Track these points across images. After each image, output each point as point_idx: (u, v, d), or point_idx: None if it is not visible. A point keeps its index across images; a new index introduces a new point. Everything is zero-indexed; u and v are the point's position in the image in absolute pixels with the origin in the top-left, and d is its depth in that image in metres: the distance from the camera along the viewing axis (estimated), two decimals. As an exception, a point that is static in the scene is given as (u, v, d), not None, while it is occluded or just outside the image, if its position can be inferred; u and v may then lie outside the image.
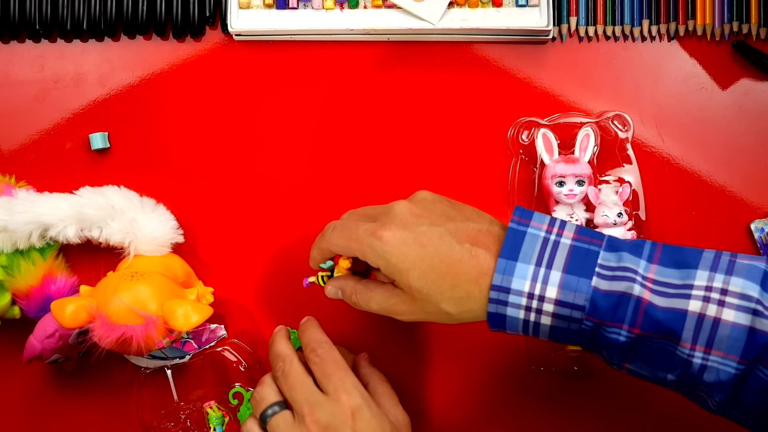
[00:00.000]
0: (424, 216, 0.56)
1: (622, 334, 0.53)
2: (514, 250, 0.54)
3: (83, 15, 0.75)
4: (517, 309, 0.54)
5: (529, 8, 0.74)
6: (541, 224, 0.55)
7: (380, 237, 0.55)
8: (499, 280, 0.53)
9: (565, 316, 0.53)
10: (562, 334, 0.54)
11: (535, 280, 0.53)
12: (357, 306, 0.60)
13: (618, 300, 0.52)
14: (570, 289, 0.53)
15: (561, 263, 0.53)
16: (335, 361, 0.60)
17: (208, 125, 0.75)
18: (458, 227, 0.56)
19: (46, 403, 0.73)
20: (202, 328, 0.72)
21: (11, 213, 0.67)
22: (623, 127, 0.72)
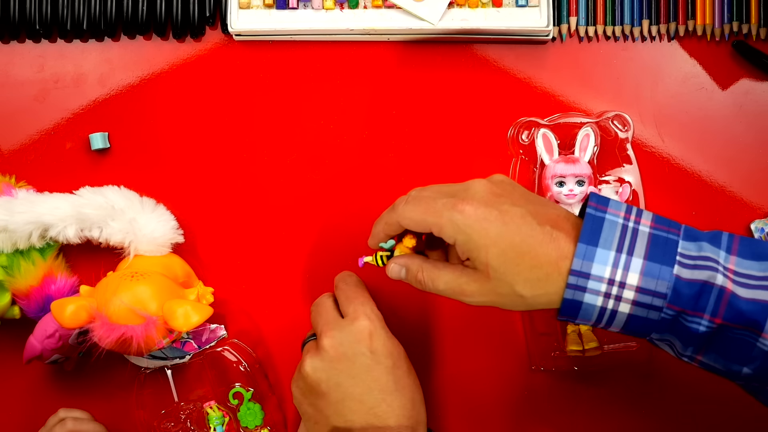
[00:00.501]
0: (504, 196, 0.55)
1: (703, 323, 0.52)
2: (593, 235, 0.53)
3: (83, 15, 0.75)
4: (595, 296, 0.53)
5: (529, 8, 0.74)
6: (618, 211, 0.54)
7: (462, 210, 0.54)
8: (578, 265, 0.52)
9: (645, 304, 0.52)
10: (638, 323, 0.53)
11: (616, 266, 0.52)
12: (421, 285, 0.58)
13: (701, 289, 0.52)
14: (652, 276, 0.52)
15: (642, 250, 0.52)
16: (357, 288, 0.64)
17: (208, 125, 0.75)
18: (538, 210, 0.55)
19: (46, 403, 0.73)
20: (202, 328, 0.72)
21: (11, 213, 0.67)
22: (623, 127, 0.72)
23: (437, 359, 0.73)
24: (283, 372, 0.73)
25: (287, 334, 0.74)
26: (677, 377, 0.72)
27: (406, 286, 0.61)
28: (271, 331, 0.74)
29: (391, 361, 0.61)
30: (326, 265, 0.74)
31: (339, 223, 0.74)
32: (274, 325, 0.74)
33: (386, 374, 0.61)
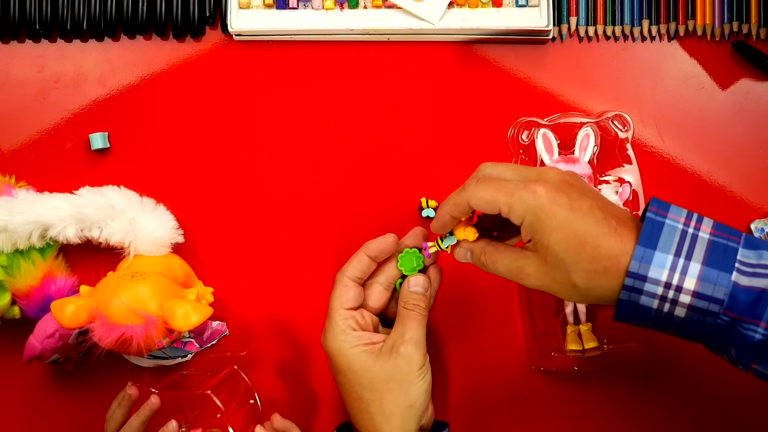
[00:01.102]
0: (576, 186, 0.55)
1: (759, 331, 0.52)
2: (652, 239, 0.53)
3: (83, 15, 0.75)
4: (651, 298, 0.53)
5: (529, 8, 0.74)
6: (678, 216, 0.54)
7: (534, 191, 0.54)
8: (636, 267, 0.52)
9: (701, 309, 0.52)
10: (694, 327, 0.53)
11: (673, 270, 0.52)
12: (484, 267, 0.59)
13: (758, 296, 0.51)
14: (710, 281, 0.52)
15: (700, 256, 0.52)
16: (332, 296, 0.63)
17: (208, 125, 0.75)
18: (606, 206, 0.55)
19: (46, 403, 0.73)
20: (204, 327, 0.72)
21: (11, 213, 0.67)
22: (623, 127, 0.72)
23: (437, 359, 0.73)
24: (283, 372, 0.73)
25: (287, 333, 0.74)
26: (677, 377, 0.72)
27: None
28: (271, 330, 0.74)
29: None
30: (326, 265, 0.74)
31: (339, 222, 0.74)
32: (273, 325, 0.74)
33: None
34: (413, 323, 0.62)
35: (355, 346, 0.61)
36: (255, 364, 0.73)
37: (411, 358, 0.60)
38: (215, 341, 0.73)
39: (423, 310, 0.63)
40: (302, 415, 0.73)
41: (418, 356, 0.61)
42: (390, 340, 0.61)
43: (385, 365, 0.60)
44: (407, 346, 0.61)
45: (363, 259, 0.64)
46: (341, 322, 0.62)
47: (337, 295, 0.63)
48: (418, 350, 0.61)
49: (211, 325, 0.73)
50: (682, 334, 0.55)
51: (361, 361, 0.61)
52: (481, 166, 0.59)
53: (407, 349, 0.61)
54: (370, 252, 0.64)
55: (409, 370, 0.60)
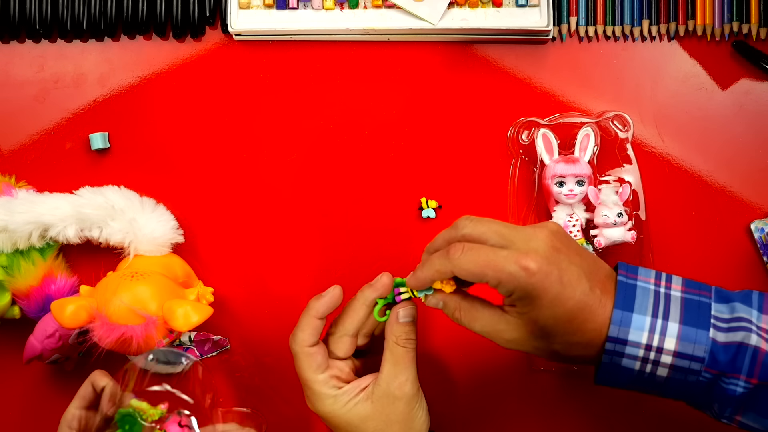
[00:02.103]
0: (563, 252, 0.54)
1: (740, 384, 0.52)
2: (627, 301, 0.53)
3: (83, 15, 0.75)
4: (633, 360, 0.53)
5: (529, 8, 0.74)
6: (648, 278, 0.55)
7: (526, 268, 0.52)
8: (615, 331, 0.52)
9: (683, 368, 0.53)
10: (676, 387, 0.54)
11: (652, 332, 0.52)
12: (458, 322, 0.58)
13: (736, 350, 0.52)
14: (689, 340, 0.52)
15: (677, 315, 0.53)
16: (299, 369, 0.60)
17: (208, 125, 0.75)
18: (591, 269, 0.54)
19: (46, 403, 0.73)
20: (206, 338, 0.73)
21: (11, 213, 0.67)
22: (623, 127, 0.72)
23: (437, 359, 0.73)
24: (282, 372, 0.73)
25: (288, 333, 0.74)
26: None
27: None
28: (271, 331, 0.74)
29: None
30: (326, 265, 0.74)
31: (338, 222, 0.74)
32: (273, 326, 0.74)
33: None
34: (407, 362, 0.60)
35: (348, 402, 0.59)
36: (256, 363, 0.73)
37: (410, 398, 0.59)
38: (216, 353, 0.73)
39: (414, 343, 0.61)
40: (303, 414, 0.73)
41: (415, 393, 0.60)
42: (383, 383, 0.59)
43: (386, 410, 0.59)
44: (404, 388, 0.59)
45: (313, 323, 0.60)
46: (323, 387, 0.59)
47: (305, 366, 0.60)
48: (414, 387, 0.60)
49: (213, 337, 0.73)
50: (664, 393, 0.55)
51: (359, 413, 0.59)
52: (459, 222, 0.57)
53: (405, 391, 0.59)
54: (319, 314, 0.60)
55: (410, 408, 0.60)
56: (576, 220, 0.69)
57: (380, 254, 0.74)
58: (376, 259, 0.74)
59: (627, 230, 0.69)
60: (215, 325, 0.73)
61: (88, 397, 0.62)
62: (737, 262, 0.73)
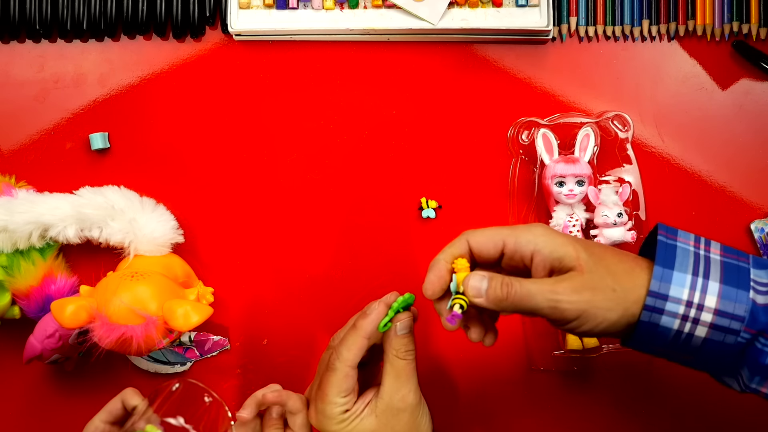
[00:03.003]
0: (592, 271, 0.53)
1: None
2: (668, 259, 0.53)
3: (83, 15, 0.75)
4: (672, 318, 0.52)
5: (529, 8, 0.74)
6: (687, 240, 0.55)
7: (537, 224, 0.55)
8: (656, 286, 0.52)
9: (723, 327, 0.52)
10: (712, 348, 0.53)
11: (693, 289, 0.52)
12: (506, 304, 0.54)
13: None
14: (730, 299, 0.52)
15: (717, 275, 0.53)
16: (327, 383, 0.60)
17: (208, 125, 0.75)
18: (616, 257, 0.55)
19: (46, 403, 0.73)
20: (206, 338, 0.73)
21: (11, 213, 0.67)
22: (623, 127, 0.72)
23: (437, 359, 0.73)
24: (283, 371, 0.73)
25: (287, 333, 0.74)
26: (677, 377, 0.72)
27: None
28: (270, 331, 0.74)
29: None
30: (326, 264, 0.74)
31: (338, 222, 0.74)
32: (273, 326, 0.74)
33: None
34: (408, 373, 0.60)
35: (353, 421, 0.59)
36: (256, 363, 0.73)
37: (413, 409, 0.60)
38: (216, 353, 0.73)
39: (414, 354, 0.60)
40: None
41: (418, 403, 0.60)
42: (386, 397, 0.59)
43: (390, 422, 0.59)
44: (407, 400, 0.59)
45: (360, 343, 0.59)
46: (336, 409, 0.59)
47: (334, 385, 0.59)
48: (416, 396, 0.60)
49: (212, 337, 0.73)
50: (696, 357, 0.54)
51: (364, 429, 0.59)
52: (463, 234, 0.57)
53: (407, 403, 0.59)
54: (367, 334, 0.59)
55: (414, 418, 0.60)
56: (576, 220, 0.69)
57: (380, 254, 0.74)
58: (377, 259, 0.74)
59: (627, 230, 0.69)
60: (215, 325, 0.73)
61: (115, 413, 0.62)
62: (737, 262, 0.73)
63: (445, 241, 0.71)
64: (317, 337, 0.73)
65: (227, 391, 0.73)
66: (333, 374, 0.59)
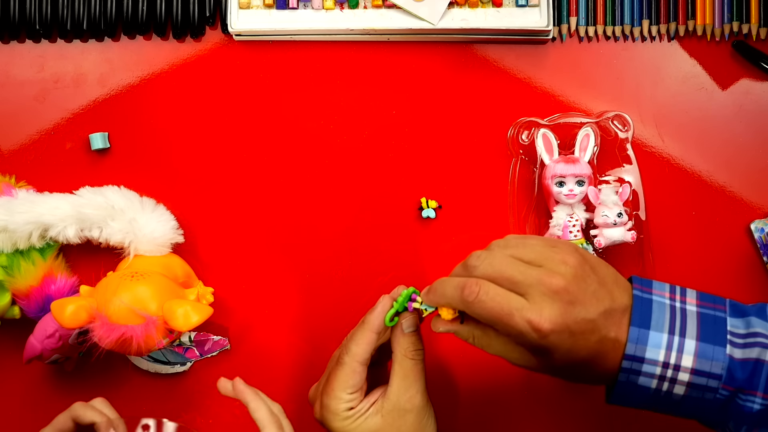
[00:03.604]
0: (579, 301, 0.52)
1: (757, 401, 0.52)
2: (644, 318, 0.53)
3: (83, 15, 0.75)
4: (650, 378, 0.52)
5: (529, 8, 0.74)
6: (663, 292, 0.54)
7: (538, 330, 0.51)
8: (632, 349, 0.52)
9: (700, 386, 0.52)
10: (692, 404, 0.53)
11: (670, 349, 0.52)
12: (473, 345, 0.57)
13: (753, 367, 0.52)
14: (706, 357, 0.52)
15: (693, 331, 0.52)
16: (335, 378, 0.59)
17: (208, 125, 0.75)
18: (607, 314, 0.52)
19: (46, 403, 0.73)
20: (206, 338, 0.73)
21: (11, 213, 0.67)
22: (623, 127, 0.72)
23: (437, 359, 0.73)
24: (283, 372, 0.73)
25: (287, 333, 0.74)
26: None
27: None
28: (270, 332, 0.74)
29: None
30: (326, 264, 0.74)
31: (338, 222, 0.74)
32: (273, 326, 0.74)
33: None
34: (416, 374, 0.60)
35: (358, 418, 0.59)
36: (256, 363, 0.73)
37: (419, 410, 0.59)
38: (216, 353, 0.73)
39: (422, 354, 0.60)
40: (305, 418, 0.73)
41: (424, 405, 0.60)
42: (393, 397, 0.59)
43: (397, 422, 0.59)
44: (414, 401, 0.59)
45: (369, 338, 0.59)
46: (342, 405, 0.59)
47: (341, 380, 0.59)
48: (424, 398, 0.60)
49: (212, 337, 0.73)
50: (679, 411, 0.54)
51: (369, 428, 0.59)
52: (470, 261, 0.55)
53: (414, 404, 0.59)
54: (375, 328, 0.59)
55: (419, 420, 0.59)
56: (576, 220, 0.69)
57: (381, 254, 0.74)
58: (377, 259, 0.74)
59: (627, 230, 0.69)
60: (215, 325, 0.73)
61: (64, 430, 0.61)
62: (737, 262, 0.73)
63: (446, 241, 0.71)
64: (317, 337, 0.73)
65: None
66: (341, 369, 0.59)
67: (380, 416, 0.59)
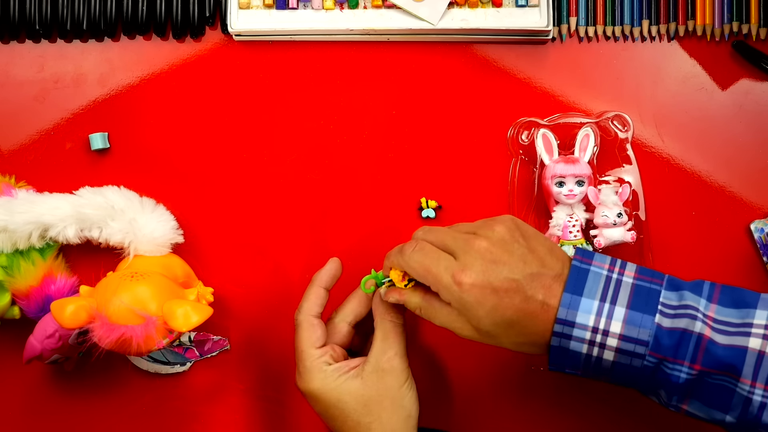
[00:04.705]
0: (503, 261, 0.56)
1: (683, 371, 0.53)
2: (578, 285, 0.55)
3: (83, 15, 0.75)
4: (580, 343, 0.54)
5: (529, 8, 0.74)
6: (602, 263, 0.56)
7: (460, 283, 0.55)
8: (564, 313, 0.54)
9: (628, 351, 0.54)
10: (623, 371, 0.55)
11: (599, 315, 0.54)
12: (420, 315, 0.61)
13: (680, 337, 0.53)
14: (634, 324, 0.53)
15: (625, 300, 0.54)
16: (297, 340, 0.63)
17: (208, 125, 0.75)
18: (534, 276, 0.55)
19: (46, 403, 0.73)
20: (206, 338, 0.73)
21: (11, 213, 0.67)
22: (623, 127, 0.72)
23: (437, 359, 0.73)
24: (283, 372, 0.73)
25: (288, 333, 0.74)
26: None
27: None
28: (270, 331, 0.74)
29: None
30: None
31: (338, 222, 0.74)
32: (273, 325, 0.74)
33: None
34: (396, 335, 0.62)
35: (338, 377, 0.61)
36: (256, 362, 0.73)
37: (399, 373, 0.61)
38: (216, 353, 0.73)
39: (401, 319, 0.63)
40: (305, 416, 0.73)
41: (404, 368, 0.62)
42: (373, 359, 0.62)
43: (376, 385, 0.61)
44: (393, 362, 0.61)
45: (320, 293, 0.64)
46: (316, 362, 0.61)
47: (305, 337, 0.62)
48: (404, 362, 0.62)
49: (212, 337, 0.73)
50: (613, 379, 0.56)
51: (350, 390, 0.61)
52: (416, 233, 0.61)
53: (394, 365, 0.61)
54: (323, 283, 0.65)
55: (400, 384, 0.61)
56: (576, 221, 0.69)
57: (380, 254, 0.73)
58: (377, 259, 0.74)
59: (627, 230, 0.69)
60: (215, 325, 0.73)
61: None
62: (737, 262, 0.73)
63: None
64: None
65: (227, 391, 0.73)
66: (300, 328, 0.63)
67: (360, 379, 0.61)
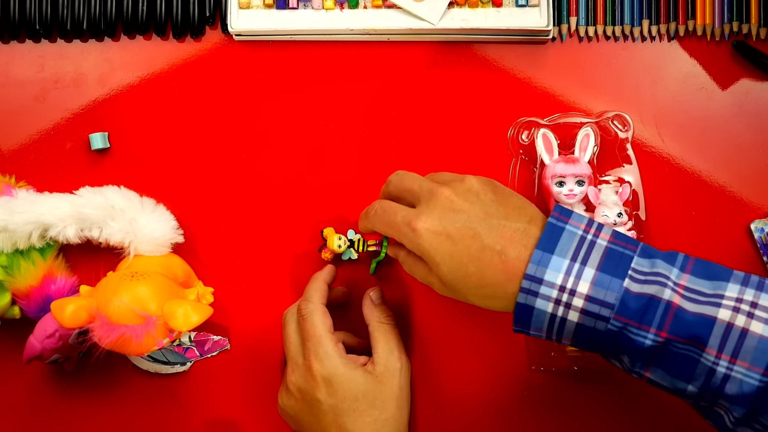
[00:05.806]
0: (463, 210, 0.57)
1: (649, 337, 0.53)
2: (551, 243, 0.54)
3: (83, 15, 0.75)
4: (546, 301, 0.54)
5: (529, 8, 0.74)
6: (579, 223, 0.56)
7: (414, 229, 0.57)
8: (533, 270, 0.53)
9: (593, 313, 0.53)
10: (586, 333, 0.54)
11: (568, 274, 0.53)
12: (408, 272, 0.63)
13: (648, 303, 0.53)
14: (602, 286, 0.53)
15: (596, 261, 0.54)
16: (312, 325, 0.64)
17: (208, 125, 0.75)
18: (493, 226, 0.56)
19: (46, 403, 0.73)
20: (206, 338, 0.73)
21: (11, 213, 0.67)
22: (623, 127, 0.72)
23: (437, 359, 0.73)
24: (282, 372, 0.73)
25: (287, 334, 0.74)
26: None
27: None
28: (270, 331, 0.74)
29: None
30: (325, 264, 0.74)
31: (338, 222, 0.74)
32: (273, 325, 0.74)
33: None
34: (395, 335, 0.67)
35: (355, 369, 0.63)
36: (256, 363, 0.73)
37: (408, 365, 0.66)
38: (216, 353, 0.73)
39: (394, 319, 0.68)
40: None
41: (407, 361, 0.66)
42: (382, 360, 0.64)
43: (391, 382, 0.64)
44: (402, 359, 0.66)
45: (323, 286, 0.68)
46: (335, 348, 0.64)
47: (320, 322, 0.64)
48: (406, 356, 0.67)
49: (212, 337, 0.73)
50: (576, 341, 0.55)
51: (365, 382, 0.63)
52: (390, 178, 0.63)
53: (404, 361, 0.66)
54: (327, 279, 0.68)
55: (407, 378, 0.66)
56: (576, 220, 0.69)
57: (380, 254, 0.74)
58: (376, 259, 0.74)
59: (627, 230, 0.69)
60: (215, 325, 0.73)
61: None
62: (737, 262, 0.73)
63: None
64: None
65: (227, 391, 0.73)
66: (312, 316, 0.64)
67: (372, 377, 0.63)
